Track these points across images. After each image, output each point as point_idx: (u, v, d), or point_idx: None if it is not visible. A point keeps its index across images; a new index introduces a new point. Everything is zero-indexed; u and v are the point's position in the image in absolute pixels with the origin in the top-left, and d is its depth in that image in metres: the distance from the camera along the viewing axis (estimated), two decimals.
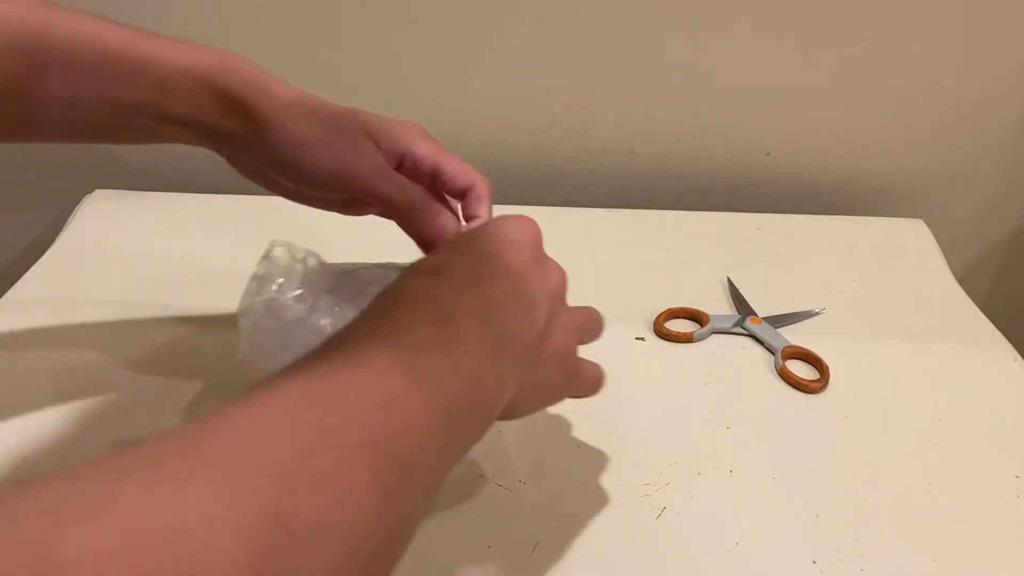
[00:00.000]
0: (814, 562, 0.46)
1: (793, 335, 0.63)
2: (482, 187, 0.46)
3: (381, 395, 0.28)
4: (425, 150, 0.46)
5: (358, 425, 0.27)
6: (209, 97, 0.42)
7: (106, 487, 0.21)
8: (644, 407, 0.57)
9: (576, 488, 0.50)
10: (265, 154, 0.43)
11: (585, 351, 0.62)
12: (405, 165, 0.46)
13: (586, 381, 0.43)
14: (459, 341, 0.33)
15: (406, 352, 0.30)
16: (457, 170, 0.46)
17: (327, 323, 0.43)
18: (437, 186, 0.46)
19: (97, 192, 0.78)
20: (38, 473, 0.21)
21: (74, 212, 0.75)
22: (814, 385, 0.58)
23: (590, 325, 0.44)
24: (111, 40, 0.41)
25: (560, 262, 0.75)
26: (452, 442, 0.31)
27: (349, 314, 0.42)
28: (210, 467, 0.22)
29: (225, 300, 0.62)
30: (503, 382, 0.35)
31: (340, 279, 0.45)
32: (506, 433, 0.52)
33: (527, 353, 0.37)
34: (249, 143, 0.43)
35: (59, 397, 0.55)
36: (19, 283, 0.66)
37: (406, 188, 0.45)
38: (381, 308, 0.33)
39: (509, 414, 0.38)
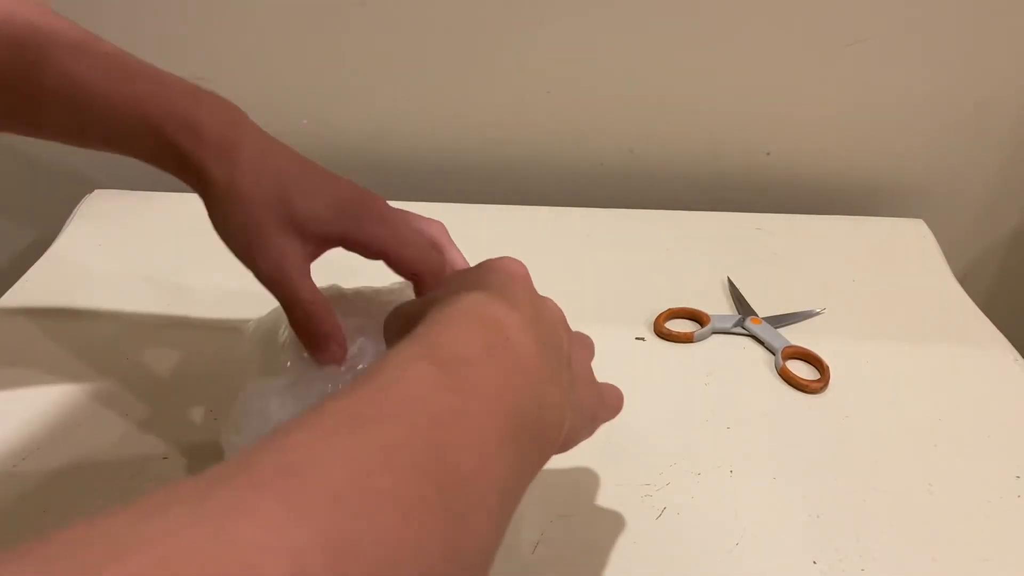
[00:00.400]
0: (814, 562, 0.46)
1: (793, 335, 0.63)
2: (436, 275, 0.44)
3: (435, 410, 0.26)
4: (375, 236, 0.43)
5: (416, 442, 0.25)
6: (166, 154, 0.42)
7: (147, 522, 0.19)
8: (644, 407, 0.56)
9: (576, 488, 0.50)
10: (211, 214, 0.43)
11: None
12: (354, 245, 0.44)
13: (609, 403, 0.41)
14: (514, 351, 0.31)
15: (455, 366, 0.28)
16: (408, 257, 0.43)
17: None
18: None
19: (97, 192, 0.78)
20: (38, 473, 0.20)
21: (74, 212, 0.75)
22: (814, 385, 0.58)
23: (586, 346, 0.42)
24: (85, 74, 0.41)
25: (560, 262, 0.75)
26: (525, 456, 0.29)
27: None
28: (260, 493, 0.20)
29: (225, 300, 0.63)
30: (564, 394, 0.33)
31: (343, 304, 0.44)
32: None
33: (566, 373, 0.35)
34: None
35: (59, 397, 0.55)
36: (19, 283, 0.66)
37: (309, 301, 0.42)
38: (418, 331, 0.31)
39: (565, 440, 0.36)
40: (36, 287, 0.66)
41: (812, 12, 0.74)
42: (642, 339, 0.63)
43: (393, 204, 0.78)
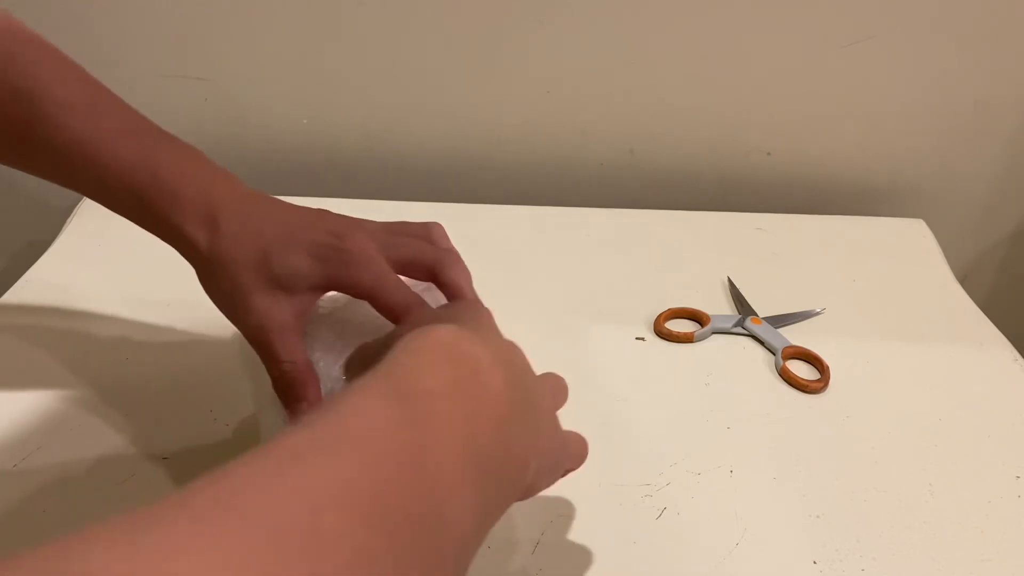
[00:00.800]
0: (814, 562, 0.46)
1: (793, 335, 0.63)
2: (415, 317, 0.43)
3: (394, 445, 0.25)
4: (357, 283, 0.42)
5: (370, 478, 0.23)
6: (150, 219, 0.43)
7: (76, 559, 0.18)
8: (644, 407, 0.56)
9: (576, 488, 0.49)
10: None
11: (585, 351, 0.63)
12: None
13: (574, 452, 0.40)
14: (484, 388, 0.29)
15: (419, 400, 0.27)
16: (387, 303, 0.42)
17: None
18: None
19: None
20: (38, 473, 0.20)
21: (74, 212, 0.75)
22: (814, 385, 0.58)
23: (559, 391, 0.42)
24: (77, 131, 0.42)
25: (560, 262, 0.75)
26: (487, 499, 0.28)
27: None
28: (199, 532, 0.19)
29: None
30: (531, 436, 0.32)
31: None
32: None
33: (533, 416, 0.34)
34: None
35: (59, 397, 0.55)
36: (19, 283, 0.66)
37: (286, 362, 0.42)
38: (384, 362, 0.29)
39: (529, 486, 0.35)
40: (36, 287, 0.66)
41: (812, 12, 0.74)
42: (642, 339, 0.63)
43: (393, 204, 0.79)
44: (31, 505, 0.47)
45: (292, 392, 0.41)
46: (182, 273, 0.44)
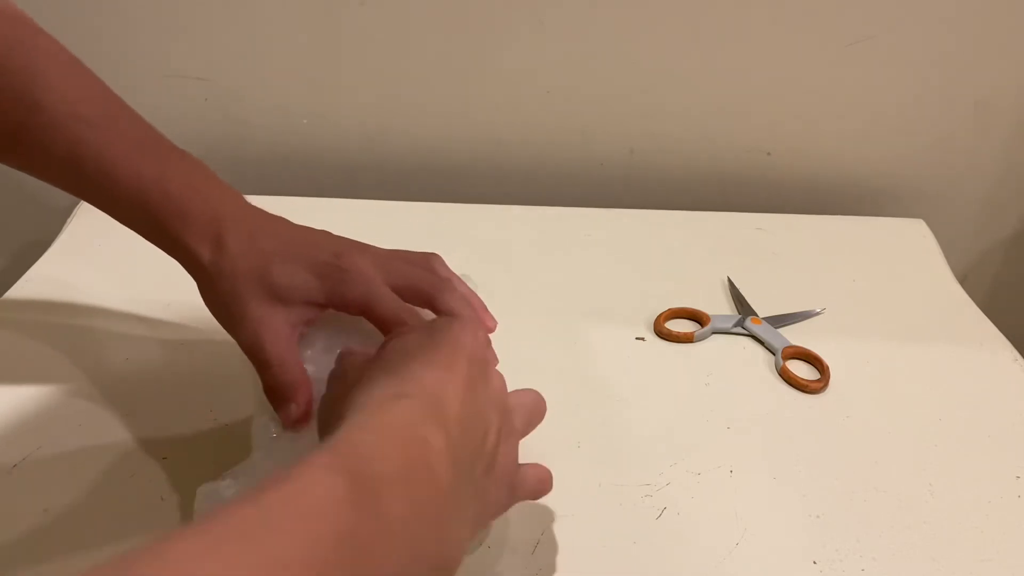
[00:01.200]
0: (814, 562, 0.46)
1: (793, 335, 0.63)
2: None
3: (338, 528, 0.25)
4: (353, 299, 0.43)
5: (310, 562, 0.23)
6: (158, 235, 0.44)
7: None
8: (644, 407, 0.56)
9: (576, 488, 0.50)
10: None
11: (585, 351, 0.63)
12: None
13: (528, 488, 0.40)
14: (432, 479, 0.30)
15: (370, 483, 0.27)
16: (382, 318, 0.43)
17: None
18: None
19: None
20: (38, 473, 0.20)
21: (74, 212, 0.75)
22: (814, 385, 0.58)
23: (534, 413, 0.42)
24: (92, 145, 0.42)
25: (560, 262, 0.75)
26: None
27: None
28: None
29: None
30: (472, 529, 0.32)
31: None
32: None
33: (478, 486, 0.34)
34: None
35: (59, 397, 0.55)
36: (19, 283, 0.66)
37: (277, 367, 0.43)
38: (339, 434, 0.29)
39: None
40: (36, 287, 0.66)
41: (813, 12, 0.74)
42: (642, 339, 0.63)
43: (393, 204, 0.79)
44: (31, 505, 0.47)
45: (281, 395, 0.42)
46: (182, 274, 0.44)
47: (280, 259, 0.43)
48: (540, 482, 0.41)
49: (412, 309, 0.44)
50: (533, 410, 0.41)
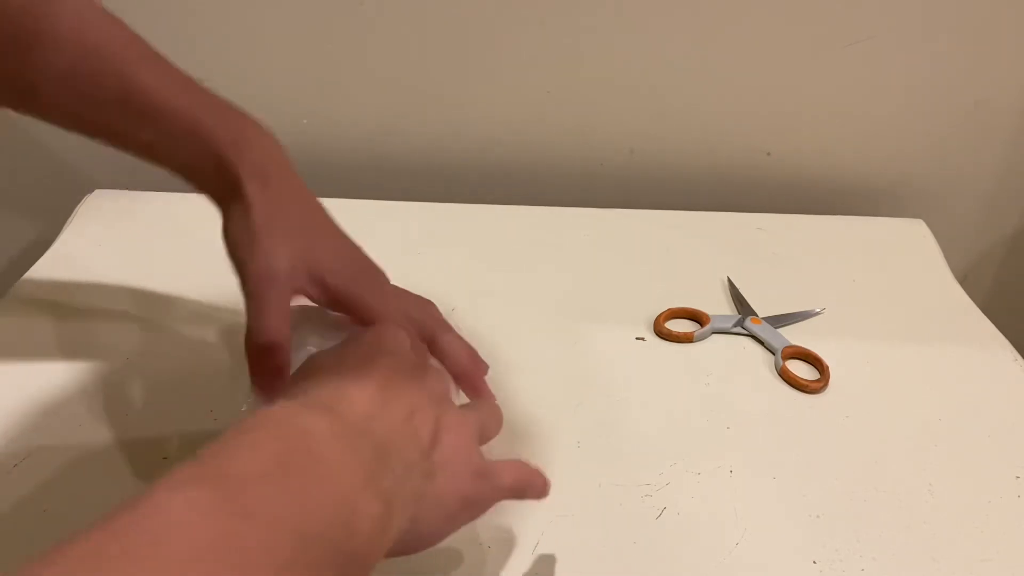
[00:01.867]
0: (814, 562, 0.46)
1: (793, 335, 0.63)
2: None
3: (201, 540, 0.24)
4: (371, 305, 0.44)
5: None
6: (206, 164, 0.43)
7: None
8: (644, 407, 0.57)
9: (576, 488, 0.50)
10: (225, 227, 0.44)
11: (585, 351, 0.63)
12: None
13: (506, 482, 0.39)
14: (315, 463, 0.29)
15: (233, 485, 0.26)
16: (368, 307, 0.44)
17: None
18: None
19: (97, 192, 0.78)
20: (38, 473, 0.20)
21: (74, 212, 0.75)
22: (814, 385, 0.58)
23: (490, 420, 0.42)
24: (146, 80, 0.42)
25: (560, 262, 0.75)
26: (324, 571, 0.27)
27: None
28: None
29: (225, 300, 0.63)
30: (387, 503, 0.31)
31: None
32: (505, 434, 0.52)
33: (416, 466, 0.34)
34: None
35: (59, 397, 0.55)
36: (19, 283, 0.66)
37: (272, 327, 0.41)
38: (208, 447, 0.29)
39: (418, 539, 0.35)
40: (36, 287, 0.66)
41: (813, 12, 0.74)
42: (642, 339, 0.63)
43: (393, 204, 0.79)
44: (31, 505, 0.47)
45: (262, 353, 0.40)
46: (182, 274, 0.44)
47: (324, 237, 0.44)
48: (520, 478, 0.40)
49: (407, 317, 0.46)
50: (490, 412, 0.43)
